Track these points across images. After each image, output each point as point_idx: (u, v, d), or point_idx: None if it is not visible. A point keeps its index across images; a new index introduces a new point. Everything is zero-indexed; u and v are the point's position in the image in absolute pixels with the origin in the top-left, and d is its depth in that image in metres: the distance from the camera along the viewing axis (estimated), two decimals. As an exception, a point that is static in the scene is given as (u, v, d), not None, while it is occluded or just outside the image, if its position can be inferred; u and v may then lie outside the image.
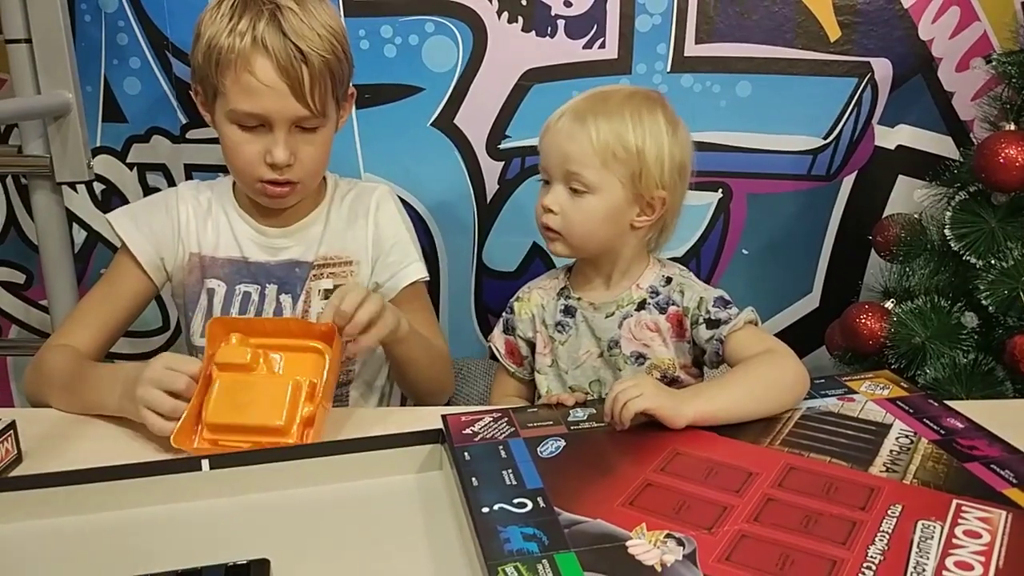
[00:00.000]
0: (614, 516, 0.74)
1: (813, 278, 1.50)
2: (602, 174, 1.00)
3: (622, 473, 0.81)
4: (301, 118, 1.02)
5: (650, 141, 1.00)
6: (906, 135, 1.42)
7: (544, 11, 1.36)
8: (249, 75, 0.99)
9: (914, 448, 0.83)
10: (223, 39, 1.00)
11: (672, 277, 1.08)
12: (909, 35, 1.36)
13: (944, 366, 1.16)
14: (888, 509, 0.73)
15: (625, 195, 1.02)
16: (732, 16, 1.36)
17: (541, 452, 0.86)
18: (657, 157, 1.01)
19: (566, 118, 1.02)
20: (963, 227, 1.20)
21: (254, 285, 1.14)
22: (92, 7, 1.36)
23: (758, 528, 0.71)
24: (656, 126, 1.01)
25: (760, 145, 1.41)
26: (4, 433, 0.86)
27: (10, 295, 1.55)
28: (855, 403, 0.94)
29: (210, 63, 1.01)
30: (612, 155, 1.00)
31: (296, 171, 1.05)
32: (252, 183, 1.07)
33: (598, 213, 1.02)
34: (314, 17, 1.02)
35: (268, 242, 1.14)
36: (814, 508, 0.74)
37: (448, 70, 1.38)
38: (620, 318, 1.06)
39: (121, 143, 1.43)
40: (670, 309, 1.05)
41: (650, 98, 1.04)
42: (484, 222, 1.48)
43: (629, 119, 1.01)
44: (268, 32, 0.99)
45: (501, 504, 0.76)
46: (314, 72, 1.00)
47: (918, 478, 0.78)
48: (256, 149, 1.03)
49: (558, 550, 0.69)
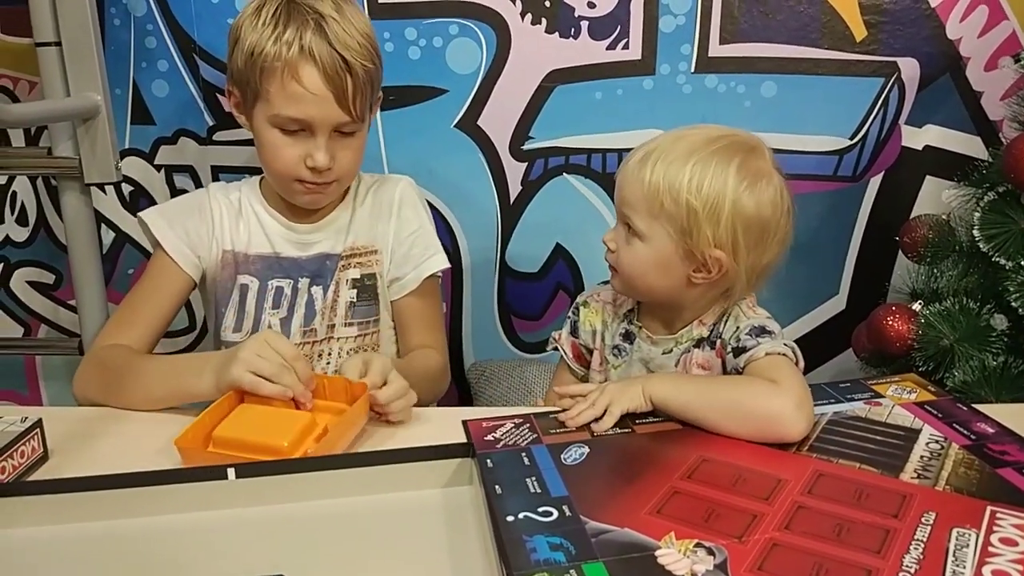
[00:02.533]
0: (642, 525, 0.72)
1: (839, 280, 1.49)
2: (649, 223, 0.94)
3: (648, 480, 0.80)
4: (342, 124, 1.06)
5: (707, 193, 0.91)
6: (934, 135, 1.41)
7: (568, 12, 1.36)
8: (296, 83, 1.02)
9: (945, 454, 0.82)
10: (269, 46, 1.02)
11: (730, 309, 1.00)
12: (936, 34, 1.35)
13: (973, 369, 1.15)
14: (922, 516, 0.72)
15: (675, 249, 0.94)
16: (757, 16, 1.35)
17: (565, 459, 0.85)
18: (712, 213, 0.91)
19: (637, 156, 0.96)
20: (992, 228, 1.19)
21: (286, 279, 1.16)
22: (121, 11, 1.38)
23: (789, 536, 0.70)
24: (722, 176, 0.91)
25: (785, 146, 1.40)
26: (30, 432, 0.87)
27: (40, 295, 1.57)
28: (882, 407, 0.93)
29: (254, 69, 1.04)
30: (660, 205, 0.92)
31: (333, 173, 1.09)
32: (289, 184, 1.10)
33: (647, 260, 0.96)
34: (353, 26, 1.05)
35: (298, 237, 1.17)
36: (845, 516, 0.73)
37: (472, 72, 1.39)
38: (678, 355, 1.01)
39: (149, 145, 1.45)
40: (716, 344, 0.99)
41: (734, 145, 0.94)
42: (507, 223, 1.48)
43: (690, 166, 0.92)
44: (315, 42, 1.01)
45: (526, 512, 0.75)
46: (357, 81, 1.04)
47: (951, 484, 0.77)
48: (297, 152, 1.06)
49: (586, 560, 0.68)
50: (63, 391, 1.61)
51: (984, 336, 1.17)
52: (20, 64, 1.42)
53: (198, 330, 1.57)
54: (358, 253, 1.17)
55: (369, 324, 1.18)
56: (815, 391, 0.93)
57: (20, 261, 1.55)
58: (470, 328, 1.54)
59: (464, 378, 1.54)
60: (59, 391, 1.61)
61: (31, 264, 1.55)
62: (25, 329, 1.59)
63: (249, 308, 1.15)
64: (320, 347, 1.17)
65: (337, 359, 1.18)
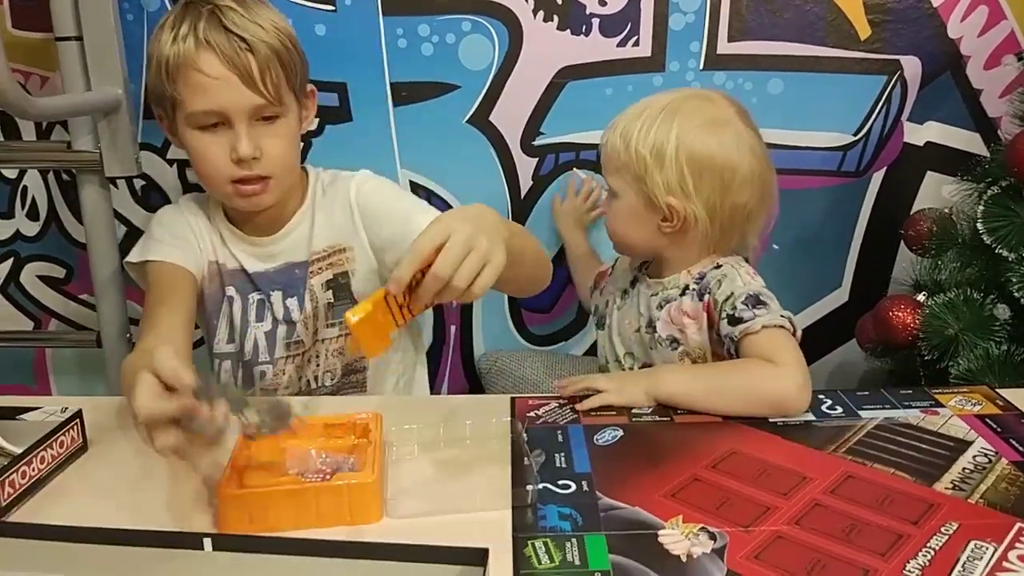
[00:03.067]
0: (653, 506, 0.75)
1: (843, 272, 1.52)
2: (615, 179, 1.05)
3: (673, 467, 0.82)
4: (258, 107, 1.04)
5: (653, 139, 0.98)
6: (935, 132, 1.44)
7: (579, 10, 1.38)
8: (197, 73, 1.01)
9: (990, 468, 0.81)
10: (168, 49, 1.02)
11: (721, 264, 1.05)
12: (938, 33, 1.38)
13: (977, 357, 1.18)
14: (942, 526, 0.71)
15: (637, 198, 1.03)
16: (764, 14, 1.38)
17: (597, 440, 0.88)
18: (658, 157, 0.98)
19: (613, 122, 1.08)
20: (995, 221, 1.22)
21: (260, 294, 1.16)
22: (134, 6, 1.38)
23: (796, 531, 0.71)
24: (668, 123, 0.99)
25: (791, 141, 1.43)
26: (70, 422, 0.88)
27: (51, 289, 1.57)
28: (938, 417, 0.92)
29: (162, 76, 1.03)
30: (617, 158, 1.03)
31: (264, 165, 1.06)
32: (224, 187, 1.07)
33: (621, 215, 1.06)
34: (256, 14, 1.05)
35: (262, 251, 1.16)
36: (861, 517, 0.73)
37: (484, 68, 1.40)
38: (661, 300, 1.08)
39: (162, 139, 1.45)
40: (706, 298, 1.03)
41: (689, 97, 1.03)
42: (518, 217, 1.49)
43: (641, 120, 1.01)
44: (209, 29, 1.02)
45: (546, 484, 0.78)
46: (260, 59, 1.03)
47: (985, 498, 0.75)
48: (221, 150, 1.04)
49: (589, 531, 0.71)
50: (72, 385, 1.61)
51: (987, 325, 1.20)
52: (33, 58, 1.41)
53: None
54: (326, 255, 1.16)
55: None
56: (872, 396, 0.96)
57: (31, 255, 1.54)
58: (480, 320, 1.56)
59: (475, 370, 1.56)
60: (68, 385, 1.61)
61: (42, 258, 1.55)
62: (35, 323, 1.59)
63: (236, 321, 1.15)
64: (308, 354, 1.18)
65: (325, 361, 1.18)
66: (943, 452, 0.84)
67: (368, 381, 1.22)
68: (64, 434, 0.87)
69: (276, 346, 1.16)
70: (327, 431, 0.86)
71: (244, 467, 0.79)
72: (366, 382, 1.22)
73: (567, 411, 0.94)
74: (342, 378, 1.21)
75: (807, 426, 0.91)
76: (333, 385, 1.21)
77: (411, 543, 0.63)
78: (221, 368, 1.19)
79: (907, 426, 0.90)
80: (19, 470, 0.80)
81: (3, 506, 0.77)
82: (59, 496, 0.81)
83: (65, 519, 0.73)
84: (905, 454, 0.84)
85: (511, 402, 0.96)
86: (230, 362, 1.19)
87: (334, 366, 1.19)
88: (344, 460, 0.82)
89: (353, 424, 0.87)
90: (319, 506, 0.75)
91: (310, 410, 0.88)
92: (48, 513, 0.77)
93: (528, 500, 0.75)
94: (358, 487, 0.76)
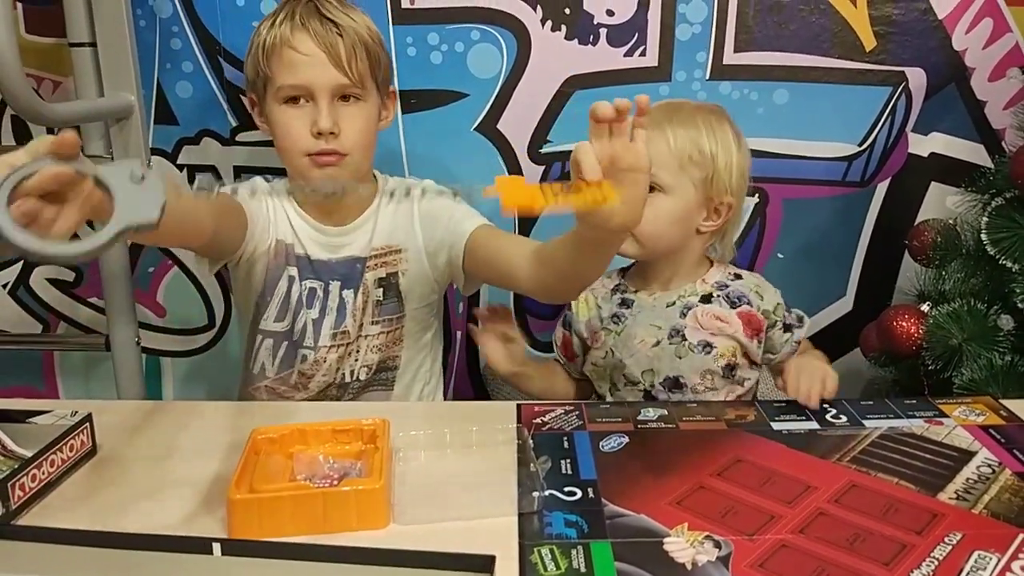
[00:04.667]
0: (659, 513, 0.75)
1: (847, 282, 1.53)
2: (678, 176, 1.07)
3: (678, 474, 0.83)
4: (341, 86, 1.11)
5: (721, 149, 1.08)
6: (939, 143, 1.45)
7: (587, 20, 1.39)
8: (290, 50, 1.09)
9: (993, 478, 0.81)
10: (266, 33, 1.11)
11: (742, 275, 1.14)
12: (943, 45, 1.39)
13: (981, 367, 1.19)
14: (946, 536, 0.71)
15: (696, 198, 1.08)
16: (770, 25, 1.39)
17: (603, 446, 0.89)
18: (727, 164, 1.08)
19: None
20: (999, 232, 1.23)
21: (318, 282, 1.19)
22: (147, 12, 1.39)
23: (801, 540, 0.71)
24: (725, 136, 1.09)
25: (796, 151, 1.44)
26: (80, 426, 0.88)
27: (59, 292, 1.58)
28: (943, 427, 0.92)
29: (258, 58, 1.12)
30: (688, 158, 1.07)
31: (342, 142, 1.11)
32: (301, 159, 1.12)
33: (670, 214, 1.08)
34: (351, 9, 1.15)
35: (328, 240, 1.19)
36: (865, 527, 0.73)
37: (492, 76, 1.42)
38: (682, 307, 1.11)
39: (172, 145, 1.47)
40: (742, 307, 1.11)
41: (716, 111, 1.12)
42: (524, 225, 1.50)
43: (703, 127, 1.08)
44: (305, 13, 1.11)
45: (552, 490, 0.79)
46: (348, 43, 1.10)
47: (989, 509, 0.76)
48: (303, 123, 1.11)
49: (595, 539, 0.71)
50: (80, 387, 1.62)
51: (991, 336, 1.21)
52: (44, 63, 1.43)
53: (216, 327, 1.59)
54: (383, 253, 1.20)
55: (393, 321, 1.21)
56: (876, 406, 0.98)
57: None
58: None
59: (480, 376, 1.57)
60: (76, 387, 1.62)
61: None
62: (44, 326, 1.60)
63: (292, 301, 1.18)
64: (351, 347, 1.20)
65: (364, 356, 1.20)
66: (947, 462, 0.85)
67: (396, 382, 1.24)
68: (74, 438, 0.87)
69: (322, 334, 1.19)
70: (334, 437, 0.87)
71: (252, 472, 0.79)
72: (394, 381, 1.24)
73: (573, 417, 0.95)
74: (374, 375, 1.23)
75: (812, 435, 0.91)
76: (366, 380, 1.23)
77: (419, 549, 0.64)
78: (262, 346, 1.21)
79: (911, 436, 0.91)
80: (29, 473, 0.80)
81: (13, 509, 0.78)
82: (68, 500, 0.81)
83: (74, 523, 0.74)
84: (909, 464, 0.84)
85: (517, 409, 0.97)
86: (273, 340, 1.20)
87: (371, 361, 1.21)
88: (351, 466, 0.83)
89: (360, 430, 0.87)
90: (327, 512, 0.75)
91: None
92: (57, 517, 0.78)
93: (535, 507, 0.76)
94: (366, 493, 0.76)
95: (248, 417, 0.98)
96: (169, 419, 0.98)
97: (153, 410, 0.99)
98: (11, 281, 1.57)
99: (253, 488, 0.77)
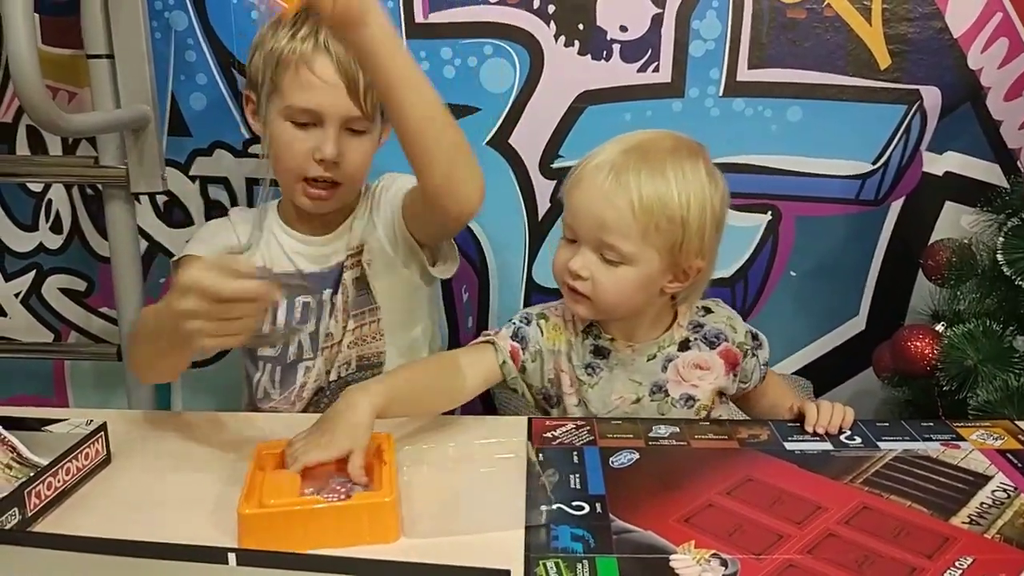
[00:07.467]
0: (666, 530, 0.75)
1: (860, 301, 1.52)
2: (640, 246, 0.94)
3: (687, 491, 0.82)
4: (352, 118, 1.09)
5: (695, 205, 0.94)
6: (954, 162, 1.44)
7: (600, 35, 1.39)
8: (309, 71, 1.06)
9: (1009, 503, 0.80)
10: (285, 43, 1.07)
11: (710, 308, 1.09)
12: (958, 64, 1.38)
13: (996, 388, 1.17)
14: (956, 560, 0.71)
15: (661, 266, 0.96)
16: (784, 43, 1.39)
17: (613, 462, 0.88)
18: (699, 225, 0.95)
19: (603, 175, 0.94)
20: (1015, 253, 1.22)
21: (310, 296, 1.18)
22: (163, 25, 1.40)
23: (809, 560, 0.71)
24: (699, 184, 0.95)
25: (810, 169, 1.43)
26: (95, 435, 0.89)
27: (72, 302, 1.59)
28: (959, 451, 0.91)
29: (269, 64, 1.08)
30: (655, 227, 0.93)
31: (340, 172, 1.11)
32: (296, 181, 1.11)
33: (632, 284, 0.96)
34: None
35: (316, 251, 1.19)
36: (875, 549, 0.73)
37: (505, 91, 1.42)
38: (663, 360, 1.04)
39: (185, 156, 1.47)
40: (720, 345, 1.05)
41: (692, 151, 0.98)
42: (535, 239, 1.51)
43: (673, 180, 0.94)
44: (330, 37, 1.06)
45: (559, 504, 0.79)
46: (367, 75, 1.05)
47: (1002, 534, 0.75)
48: (306, 146, 1.09)
49: (601, 553, 0.71)
50: (91, 397, 1.62)
51: (1007, 357, 1.20)
52: (61, 74, 1.44)
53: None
54: (356, 252, 1.19)
55: (365, 314, 1.20)
56: (892, 428, 0.97)
57: (53, 268, 1.56)
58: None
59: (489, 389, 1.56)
60: (87, 397, 1.62)
61: (64, 271, 1.57)
62: (55, 335, 1.60)
63: (280, 322, 1.17)
64: (336, 348, 1.20)
65: (344, 353, 1.20)
66: (962, 486, 0.84)
67: None
68: (89, 446, 0.88)
69: (319, 345, 1.19)
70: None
71: (260, 487, 0.79)
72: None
73: (584, 432, 0.95)
74: (356, 372, 1.22)
75: (825, 455, 0.90)
76: (347, 376, 1.22)
77: (430, 562, 0.63)
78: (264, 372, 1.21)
79: (926, 459, 0.90)
80: (44, 481, 0.81)
81: (28, 517, 0.78)
82: (83, 508, 0.82)
83: (89, 530, 0.74)
84: (923, 487, 0.84)
85: (528, 423, 0.96)
86: (271, 365, 1.20)
87: (349, 357, 1.21)
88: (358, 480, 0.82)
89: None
90: (338, 525, 0.75)
91: None
92: (72, 524, 0.78)
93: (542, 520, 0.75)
94: (377, 507, 0.76)
95: (257, 429, 0.98)
96: (181, 429, 0.98)
97: (166, 420, 1.00)
98: (23, 291, 1.58)
99: (262, 503, 0.77)
